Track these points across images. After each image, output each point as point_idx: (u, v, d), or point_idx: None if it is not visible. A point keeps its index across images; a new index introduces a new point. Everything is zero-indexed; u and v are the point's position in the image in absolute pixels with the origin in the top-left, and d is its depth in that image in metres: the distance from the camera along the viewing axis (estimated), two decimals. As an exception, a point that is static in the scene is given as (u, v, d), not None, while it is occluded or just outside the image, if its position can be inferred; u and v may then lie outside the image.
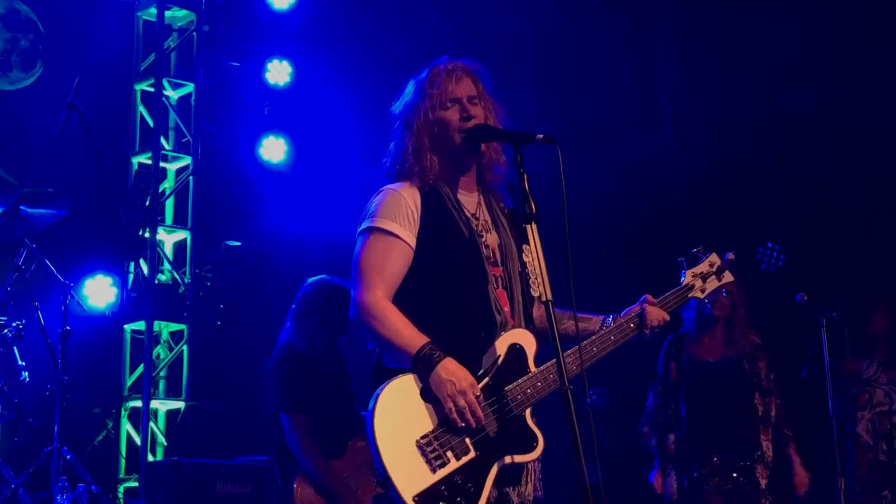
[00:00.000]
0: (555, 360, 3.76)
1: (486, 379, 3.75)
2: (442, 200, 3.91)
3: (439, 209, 3.89)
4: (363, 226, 3.89)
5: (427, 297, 3.83)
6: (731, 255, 4.35)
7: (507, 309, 3.88)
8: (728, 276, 4.33)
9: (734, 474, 6.76)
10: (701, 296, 4.28)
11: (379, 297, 3.78)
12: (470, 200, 3.99)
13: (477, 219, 3.96)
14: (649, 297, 4.12)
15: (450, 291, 3.83)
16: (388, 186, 3.94)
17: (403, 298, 3.83)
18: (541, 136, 3.69)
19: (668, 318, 4.11)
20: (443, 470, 3.62)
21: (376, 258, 3.82)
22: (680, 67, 9.76)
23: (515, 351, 3.82)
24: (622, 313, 4.09)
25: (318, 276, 6.23)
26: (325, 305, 6.03)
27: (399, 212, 3.85)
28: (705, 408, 6.83)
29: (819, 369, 6.97)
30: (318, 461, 5.83)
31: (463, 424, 3.64)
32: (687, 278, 4.27)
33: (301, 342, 6.05)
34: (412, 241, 3.84)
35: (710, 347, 6.99)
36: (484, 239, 3.93)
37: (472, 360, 3.75)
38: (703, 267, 4.31)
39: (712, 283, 4.31)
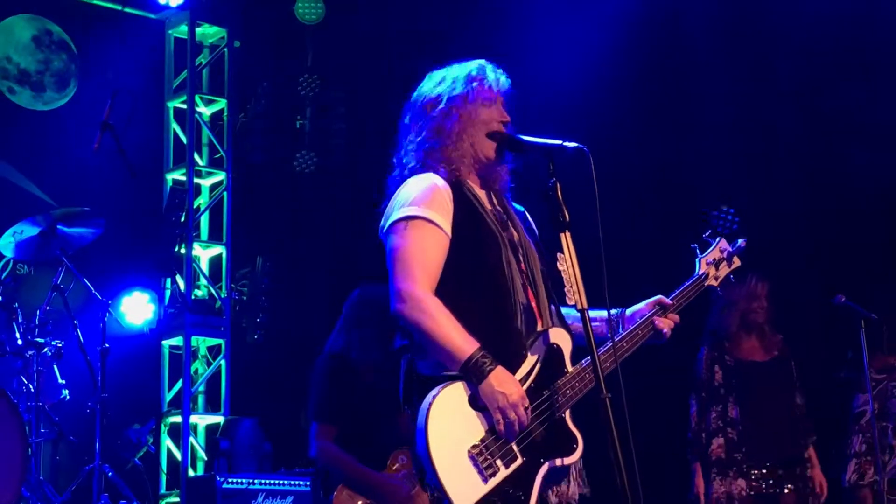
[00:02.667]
0: (588, 359, 3.73)
1: (529, 382, 3.71)
2: (467, 194, 3.85)
3: (467, 202, 3.83)
4: (398, 214, 3.76)
5: (461, 291, 3.75)
6: (742, 242, 4.33)
7: (534, 305, 3.84)
8: (737, 262, 4.28)
9: (782, 475, 6.72)
10: (715, 283, 4.22)
11: (427, 291, 3.67)
12: (487, 197, 3.94)
13: (497, 214, 3.91)
14: (662, 298, 4.05)
15: (484, 286, 3.77)
16: (418, 175, 3.85)
17: (436, 291, 3.73)
18: (572, 144, 3.68)
19: (678, 320, 4.02)
20: (494, 479, 3.59)
21: (418, 248, 3.71)
22: (712, 65, 9.70)
23: (554, 351, 3.77)
24: (630, 312, 4.04)
25: (369, 284, 6.14)
26: (382, 313, 5.94)
27: (435, 200, 3.75)
28: (760, 410, 6.80)
29: (857, 371, 6.93)
30: (345, 462, 5.78)
31: (508, 436, 3.63)
32: (701, 267, 4.21)
33: (355, 352, 5.99)
34: (449, 230, 3.75)
35: (753, 348, 6.96)
36: (508, 234, 3.89)
37: (510, 358, 3.70)
38: (714, 253, 4.27)
39: (724, 269, 4.26)
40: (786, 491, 6.74)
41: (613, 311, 4.03)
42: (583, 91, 9.40)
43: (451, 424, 3.61)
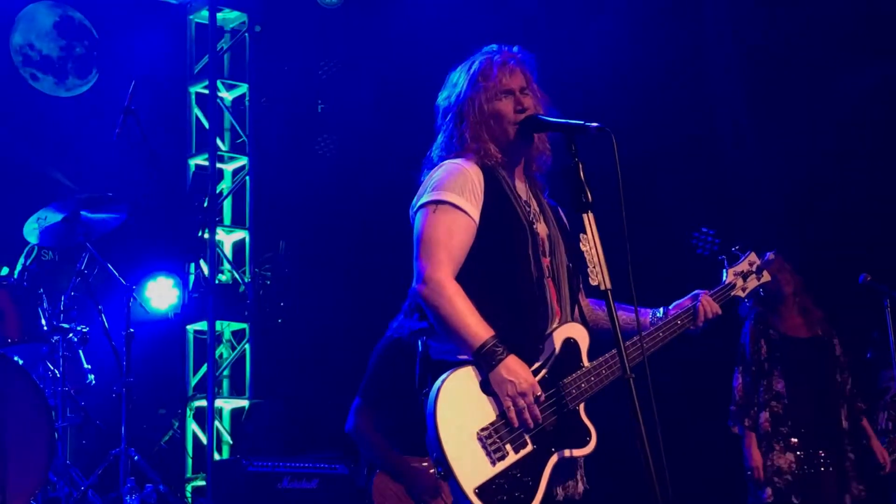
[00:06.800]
0: (607, 356, 3.79)
1: (543, 372, 3.73)
2: (500, 183, 3.87)
3: (498, 191, 3.85)
4: (427, 198, 3.80)
5: (482, 279, 3.77)
6: (771, 255, 4.33)
7: (555, 300, 3.85)
8: (766, 276, 4.31)
9: (823, 454, 6.71)
10: (742, 294, 4.26)
11: (448, 274, 3.70)
12: (521, 188, 3.95)
13: (529, 207, 3.92)
14: (703, 293, 4.10)
15: (506, 277, 3.79)
16: (451, 161, 3.87)
17: (457, 277, 3.75)
18: (595, 125, 3.66)
19: (720, 311, 4.08)
20: (502, 463, 3.61)
21: (443, 232, 3.74)
22: (733, 51, 9.65)
23: (570, 345, 3.80)
24: (671, 307, 4.07)
25: None
26: None
27: (465, 186, 3.78)
28: (802, 385, 6.78)
29: (884, 351, 6.90)
30: (377, 444, 5.80)
31: (520, 424, 3.64)
32: (729, 277, 4.25)
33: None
34: (477, 217, 3.78)
35: (795, 324, 6.93)
36: (536, 227, 3.89)
37: (525, 350, 3.72)
38: (743, 265, 4.29)
39: (752, 282, 4.29)
40: (829, 470, 6.72)
41: (659, 310, 4.08)
42: (606, 71, 9.37)
43: (461, 406, 3.64)
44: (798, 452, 6.66)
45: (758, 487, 6.69)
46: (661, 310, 4.06)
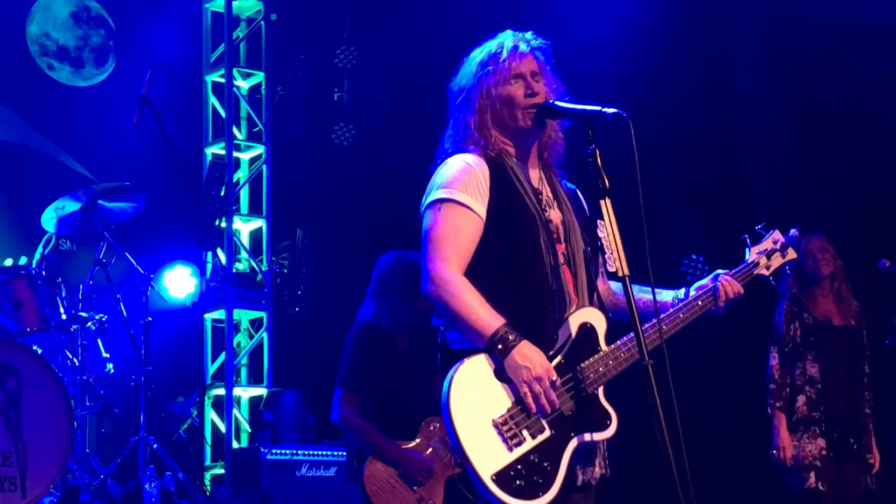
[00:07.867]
0: (625, 339, 3.76)
1: (559, 358, 3.72)
2: (507, 174, 3.84)
3: (506, 182, 3.83)
4: (433, 197, 3.81)
5: (494, 272, 3.77)
6: (795, 232, 4.28)
7: (571, 286, 3.84)
8: (792, 253, 4.26)
9: (852, 440, 6.69)
10: (766, 273, 4.21)
11: (454, 271, 3.72)
12: (533, 175, 3.93)
13: (540, 194, 3.89)
14: (724, 272, 4.08)
15: (518, 268, 3.78)
16: (456, 156, 3.86)
17: (470, 272, 3.76)
18: (612, 111, 3.64)
19: (742, 290, 4.05)
20: (519, 449, 3.60)
21: (450, 230, 3.75)
22: (755, 31, 9.59)
23: (586, 329, 3.78)
24: (694, 287, 4.05)
25: (391, 252, 6.20)
26: (405, 278, 5.99)
27: (470, 183, 3.78)
28: (834, 372, 6.74)
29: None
30: (367, 431, 5.83)
31: (537, 409, 3.63)
32: (751, 255, 4.20)
33: (385, 319, 6.04)
34: (483, 213, 3.77)
35: (828, 309, 6.89)
36: (548, 214, 3.87)
37: (541, 338, 3.70)
38: (766, 244, 4.24)
39: (777, 260, 4.24)
40: (854, 458, 6.69)
41: (680, 291, 4.05)
42: (621, 55, 9.33)
43: (475, 393, 3.63)
44: (828, 439, 6.63)
45: (797, 471, 6.64)
46: (683, 290, 4.04)
